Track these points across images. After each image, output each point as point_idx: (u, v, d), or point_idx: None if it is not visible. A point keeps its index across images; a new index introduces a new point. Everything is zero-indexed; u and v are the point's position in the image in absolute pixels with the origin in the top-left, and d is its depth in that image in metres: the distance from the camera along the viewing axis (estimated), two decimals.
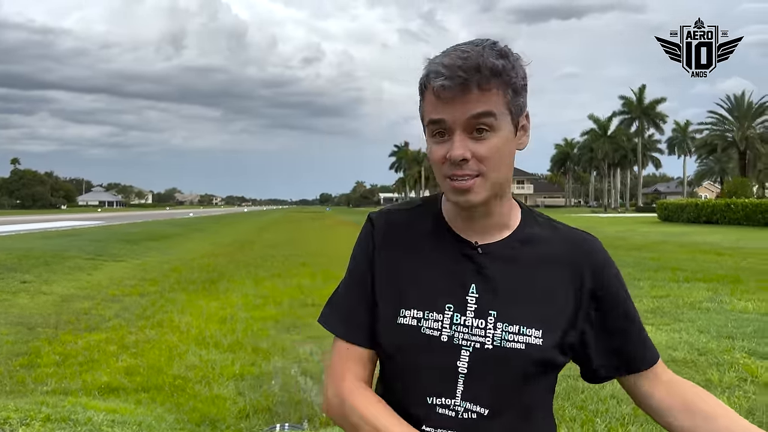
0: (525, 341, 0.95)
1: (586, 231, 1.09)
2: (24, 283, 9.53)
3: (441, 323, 0.97)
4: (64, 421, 3.50)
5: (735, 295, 8.10)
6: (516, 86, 0.93)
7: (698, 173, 79.98)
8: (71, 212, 72.94)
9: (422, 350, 0.97)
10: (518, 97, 0.94)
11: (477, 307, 0.97)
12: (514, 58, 0.93)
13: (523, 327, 0.96)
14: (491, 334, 0.95)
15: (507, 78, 0.92)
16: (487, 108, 0.91)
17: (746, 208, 27.99)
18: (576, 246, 1.04)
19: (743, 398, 4.09)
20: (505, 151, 0.95)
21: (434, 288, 0.99)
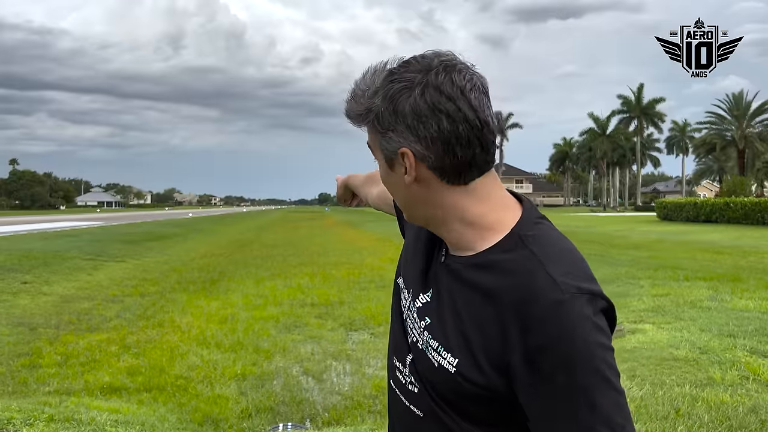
0: (439, 361, 0.92)
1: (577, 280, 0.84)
2: (24, 284, 9.53)
3: (406, 302, 1.03)
4: (67, 421, 3.50)
5: (736, 294, 8.11)
6: (378, 129, 0.90)
7: (697, 172, 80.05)
8: (70, 213, 72.87)
9: (395, 315, 1.06)
10: (382, 138, 0.90)
11: (421, 306, 0.99)
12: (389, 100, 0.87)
13: (441, 347, 0.92)
14: (422, 338, 0.96)
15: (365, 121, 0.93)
16: (368, 140, 0.96)
17: (745, 207, 28.00)
18: (524, 291, 0.85)
19: (745, 396, 4.09)
20: (389, 183, 0.96)
21: (412, 268, 1.05)
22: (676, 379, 4.48)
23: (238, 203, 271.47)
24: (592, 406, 0.80)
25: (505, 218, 0.93)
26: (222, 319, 7.25)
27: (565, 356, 0.80)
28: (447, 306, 0.94)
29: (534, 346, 0.82)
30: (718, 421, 3.67)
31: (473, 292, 0.91)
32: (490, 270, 0.89)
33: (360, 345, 6.00)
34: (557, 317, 0.81)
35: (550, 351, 0.81)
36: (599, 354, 0.81)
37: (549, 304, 0.82)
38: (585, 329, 0.81)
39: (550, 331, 0.81)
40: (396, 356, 1.04)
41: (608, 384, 0.81)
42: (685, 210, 32.57)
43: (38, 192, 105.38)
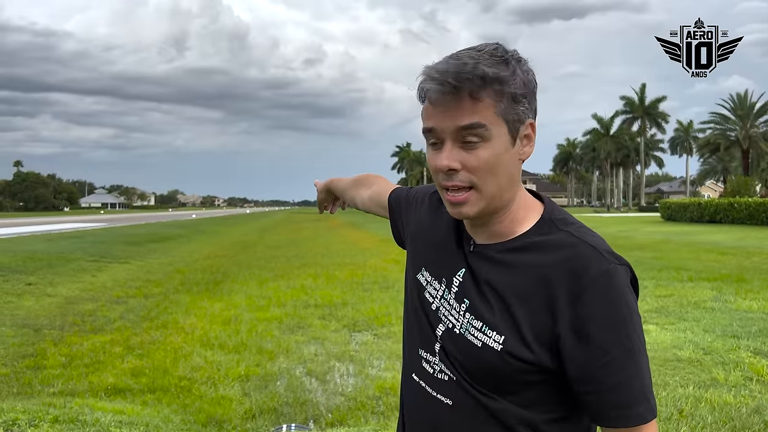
0: (483, 341, 0.93)
1: (605, 253, 0.91)
2: (29, 285, 9.56)
3: (437, 292, 1.03)
4: (72, 422, 3.51)
5: (739, 295, 8.09)
6: (514, 95, 0.89)
7: (701, 172, 79.81)
8: (74, 214, 73.07)
9: (421, 309, 1.06)
10: (517, 105, 0.90)
11: (458, 290, 0.99)
12: (515, 64, 0.90)
13: (485, 326, 0.93)
14: (461, 321, 0.97)
15: (501, 87, 0.88)
16: (477, 119, 0.88)
17: (749, 208, 27.93)
18: (570, 264, 0.90)
19: (749, 397, 4.09)
20: (500, 163, 0.91)
21: (436, 261, 1.07)
22: (680, 379, 4.47)
23: (241, 204, 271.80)
24: (637, 368, 0.88)
25: (533, 203, 1.00)
26: (225, 320, 7.26)
27: (614, 323, 0.87)
28: (487, 288, 0.96)
29: (584, 315, 0.87)
30: (721, 422, 3.66)
31: (516, 271, 0.94)
32: (532, 250, 0.94)
33: (363, 346, 6.01)
34: (606, 286, 0.88)
35: (600, 318, 0.87)
36: (638, 321, 0.90)
37: (598, 273, 0.88)
38: (627, 297, 0.89)
39: (599, 299, 0.88)
40: (422, 348, 1.05)
41: (644, 349, 0.90)
42: (689, 210, 32.50)
43: (42, 194, 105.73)
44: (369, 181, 1.52)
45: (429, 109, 0.92)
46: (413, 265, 1.13)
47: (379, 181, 1.50)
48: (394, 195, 1.34)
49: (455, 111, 0.88)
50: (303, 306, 8.18)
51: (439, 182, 0.95)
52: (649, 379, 0.90)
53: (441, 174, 0.93)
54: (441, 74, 0.88)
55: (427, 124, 0.93)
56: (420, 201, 1.21)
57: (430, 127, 0.92)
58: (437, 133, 0.92)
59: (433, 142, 0.93)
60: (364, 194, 1.50)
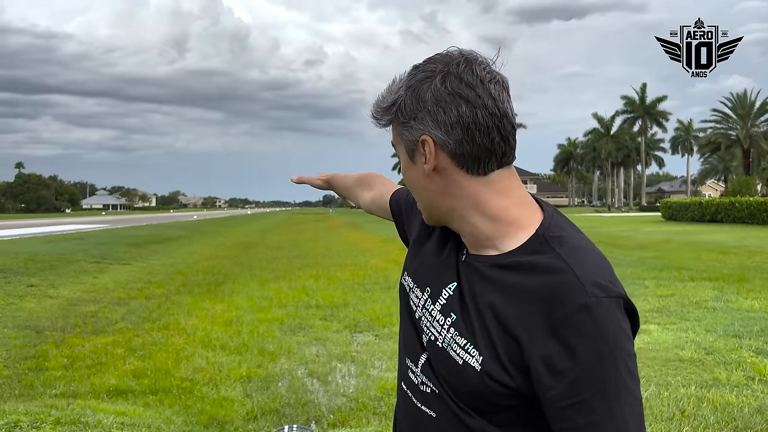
0: (465, 359, 0.90)
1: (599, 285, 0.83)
2: (30, 287, 9.57)
3: (419, 301, 1.02)
4: (74, 424, 3.52)
5: (741, 294, 8.08)
6: (399, 119, 0.95)
7: (702, 172, 79.77)
8: (76, 216, 73.14)
9: (406, 314, 1.06)
10: (405, 126, 0.94)
11: (445, 303, 0.97)
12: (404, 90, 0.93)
13: (469, 345, 0.90)
14: (444, 335, 0.95)
15: (390, 116, 0.96)
16: (392, 138, 1.00)
17: (750, 207, 27.89)
18: (550, 290, 0.85)
19: (751, 397, 4.08)
20: (410, 179, 0.98)
21: (425, 268, 1.05)
22: (682, 379, 4.47)
23: (242, 205, 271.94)
24: (610, 412, 0.81)
25: (528, 216, 0.93)
26: (227, 322, 7.27)
27: (588, 362, 0.81)
28: (472, 303, 0.93)
29: (557, 350, 0.82)
30: (723, 422, 3.66)
31: (499, 292, 0.90)
32: (516, 271, 0.89)
33: (365, 347, 6.01)
34: (582, 321, 0.81)
35: (573, 355, 0.81)
36: (621, 361, 0.82)
37: (576, 307, 0.82)
38: (609, 334, 0.82)
39: (574, 335, 0.81)
40: (408, 357, 1.04)
41: (627, 391, 0.81)
42: (690, 210, 32.46)
43: (44, 195, 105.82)
44: (371, 183, 1.53)
45: None
46: (404, 267, 1.13)
47: (381, 182, 1.50)
48: (395, 198, 1.35)
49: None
50: (304, 307, 8.18)
51: None
52: (630, 423, 0.81)
53: None
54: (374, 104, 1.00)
55: None
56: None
57: None
58: None
59: None
60: (366, 196, 1.51)
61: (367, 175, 1.57)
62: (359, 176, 1.58)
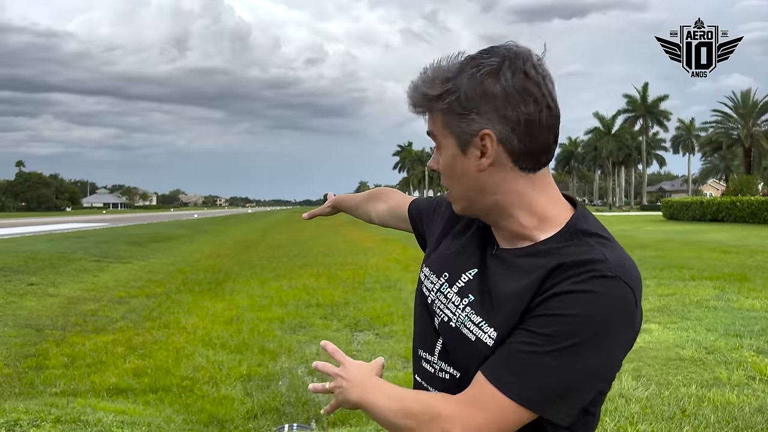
0: (478, 335, 0.93)
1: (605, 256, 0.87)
2: (31, 286, 9.57)
3: (434, 286, 1.04)
4: (74, 423, 3.52)
5: (742, 293, 8.08)
6: (452, 109, 0.91)
7: (703, 171, 79.77)
8: (76, 214, 73.20)
9: (419, 304, 1.08)
10: (460, 118, 0.91)
11: (464, 286, 1.00)
12: (462, 79, 0.90)
13: (484, 323, 0.93)
14: (458, 314, 0.97)
15: (437, 103, 0.92)
16: (430, 128, 0.97)
17: (752, 206, 27.88)
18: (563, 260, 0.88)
19: (752, 396, 4.08)
20: (454, 171, 0.95)
21: (446, 258, 1.07)
22: (682, 379, 4.46)
23: (243, 204, 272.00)
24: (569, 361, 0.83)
25: (562, 212, 0.96)
26: (227, 320, 7.27)
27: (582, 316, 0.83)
28: (494, 288, 0.95)
29: (565, 291, 0.85)
30: (724, 421, 3.66)
31: (522, 274, 0.92)
32: (545, 256, 0.91)
33: (365, 345, 6.01)
34: (596, 285, 0.84)
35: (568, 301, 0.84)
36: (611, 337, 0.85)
37: (592, 269, 0.85)
38: (614, 307, 0.85)
39: (588, 290, 0.84)
40: (422, 348, 1.06)
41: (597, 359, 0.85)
42: (691, 209, 32.45)
43: (44, 194, 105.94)
44: (385, 195, 1.54)
45: None
46: (422, 262, 1.15)
47: (395, 193, 1.52)
48: (414, 205, 1.36)
49: (426, 119, 0.98)
50: (305, 306, 8.18)
51: None
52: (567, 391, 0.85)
53: None
54: (409, 90, 0.97)
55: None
56: (447, 207, 1.17)
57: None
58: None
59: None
60: (380, 208, 1.51)
61: (378, 189, 1.60)
62: (370, 192, 1.61)
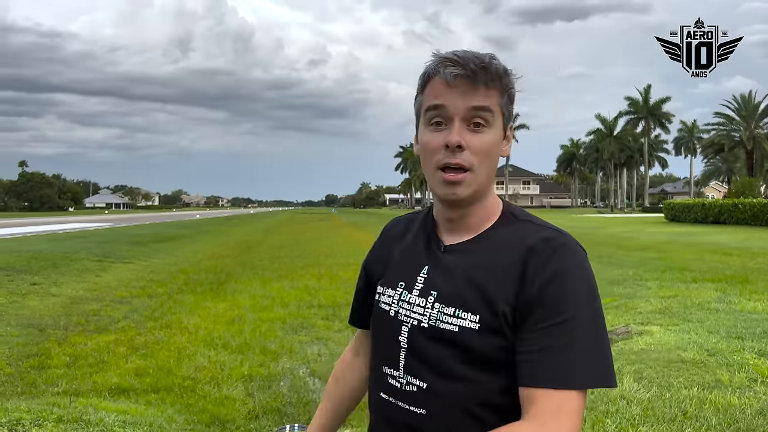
0: (459, 324, 0.96)
1: (561, 230, 0.99)
2: (33, 285, 9.59)
3: (392, 299, 1.06)
4: (76, 422, 3.52)
5: (744, 296, 8.06)
6: (511, 95, 1.01)
7: (705, 173, 79.63)
8: (79, 214, 73.28)
9: (378, 323, 1.09)
10: (511, 105, 1.01)
11: (423, 286, 1.03)
12: (511, 72, 1.01)
13: (459, 310, 0.96)
14: (428, 314, 0.99)
15: (507, 84, 0.99)
16: (488, 103, 0.97)
17: (754, 208, 27.82)
18: (531, 241, 0.97)
19: (753, 399, 4.07)
20: (494, 150, 1.00)
21: (396, 270, 1.10)
22: (684, 381, 4.46)
23: (245, 205, 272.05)
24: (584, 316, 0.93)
25: (498, 202, 1.07)
26: (229, 321, 7.27)
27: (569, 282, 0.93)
28: (457, 275, 1.00)
29: (546, 278, 0.93)
30: (726, 423, 3.65)
31: (484, 255, 1.00)
32: (498, 239, 1.01)
33: None
34: (564, 255, 0.95)
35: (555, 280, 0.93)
36: (595, 295, 0.96)
37: (558, 245, 0.96)
38: (586, 270, 0.96)
39: (560, 265, 0.94)
40: (386, 365, 1.05)
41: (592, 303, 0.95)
42: (693, 211, 32.40)
43: (47, 194, 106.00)
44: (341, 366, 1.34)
45: (441, 89, 0.98)
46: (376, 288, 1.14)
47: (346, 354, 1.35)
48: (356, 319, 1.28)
49: (471, 93, 0.96)
50: (306, 306, 8.19)
51: (438, 161, 0.99)
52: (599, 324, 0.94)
53: (443, 152, 0.98)
54: (462, 59, 0.96)
55: (436, 101, 0.98)
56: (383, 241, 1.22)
57: (441, 104, 0.98)
58: (447, 111, 0.98)
59: (438, 122, 0.99)
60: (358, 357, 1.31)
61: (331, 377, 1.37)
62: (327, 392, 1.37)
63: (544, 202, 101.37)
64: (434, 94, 0.98)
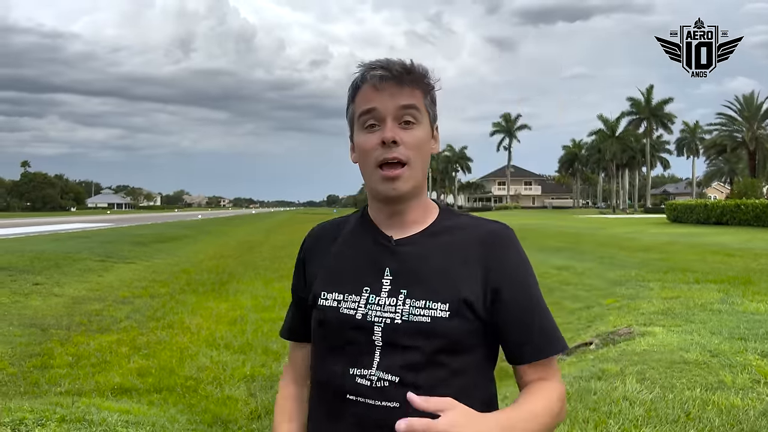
0: (431, 314, 1.03)
1: (499, 221, 1.16)
2: (36, 285, 9.60)
3: (357, 303, 1.09)
4: (79, 422, 3.53)
5: (746, 297, 8.04)
6: (433, 96, 1.11)
7: (707, 174, 79.44)
8: (81, 214, 73.39)
9: (341, 328, 1.10)
10: (434, 105, 1.12)
11: (391, 288, 1.07)
12: (431, 75, 1.11)
13: (428, 302, 1.04)
14: (401, 310, 1.05)
15: (429, 86, 1.09)
16: (414, 102, 1.07)
17: (756, 209, 27.76)
18: (481, 233, 1.12)
19: (756, 400, 4.06)
20: (424, 146, 1.09)
21: (354, 274, 1.12)
22: (687, 382, 4.45)
23: (247, 205, 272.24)
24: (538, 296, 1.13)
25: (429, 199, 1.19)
26: (231, 321, 7.28)
27: (526, 269, 1.12)
28: (418, 268, 1.08)
29: (509, 267, 1.10)
30: (729, 424, 3.65)
31: (441, 249, 1.10)
32: (447, 232, 1.12)
33: None
34: (513, 244, 1.13)
35: (517, 266, 1.11)
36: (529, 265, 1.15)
37: (506, 236, 1.13)
38: (525, 255, 1.14)
39: (514, 254, 1.11)
40: (354, 367, 1.06)
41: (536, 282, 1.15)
42: (696, 212, 32.34)
43: (49, 194, 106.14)
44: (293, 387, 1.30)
45: (371, 93, 1.07)
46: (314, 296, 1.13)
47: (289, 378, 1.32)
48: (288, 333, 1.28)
49: (398, 93, 1.06)
50: None
51: (377, 158, 1.07)
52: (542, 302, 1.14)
53: (379, 149, 1.06)
54: (387, 64, 1.07)
55: (368, 105, 1.07)
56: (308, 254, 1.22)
57: (372, 107, 1.07)
58: (379, 112, 1.07)
59: (371, 124, 1.08)
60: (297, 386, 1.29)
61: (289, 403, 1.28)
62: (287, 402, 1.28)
63: (546, 202, 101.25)
64: (365, 100, 1.07)
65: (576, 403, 3.97)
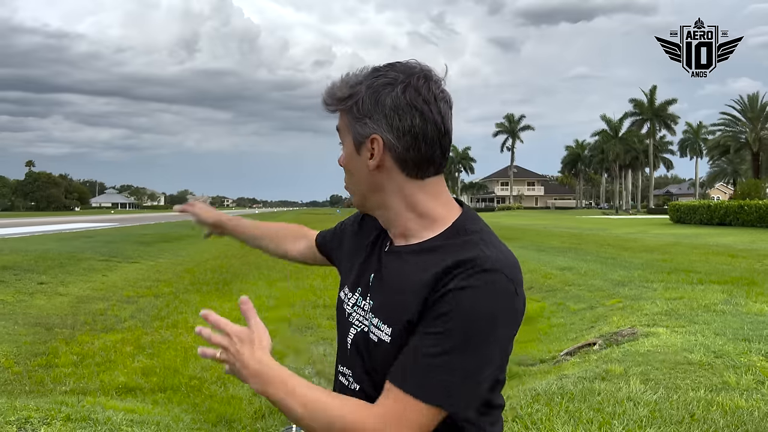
0: (378, 336, 1.00)
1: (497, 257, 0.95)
2: (41, 284, 9.63)
3: (349, 300, 1.12)
4: (84, 421, 3.54)
5: (750, 298, 8.03)
6: (353, 113, 1.02)
7: (710, 175, 79.24)
8: (85, 214, 73.54)
9: (339, 323, 1.15)
10: (358, 121, 1.02)
11: (369, 294, 1.08)
12: (366, 90, 1.00)
13: (380, 321, 1.01)
14: (367, 321, 1.05)
15: (344, 105, 1.04)
16: (338, 123, 1.08)
17: (760, 210, 27.69)
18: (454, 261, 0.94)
19: (761, 401, 4.06)
20: (350, 166, 1.06)
21: (357, 273, 1.14)
22: (691, 383, 4.45)
23: (250, 205, 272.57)
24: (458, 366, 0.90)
25: (449, 214, 1.04)
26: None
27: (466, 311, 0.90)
28: (387, 286, 1.04)
29: (450, 289, 0.92)
30: (733, 425, 3.64)
31: (412, 269, 1.00)
32: (433, 251, 0.99)
33: None
34: (478, 280, 0.91)
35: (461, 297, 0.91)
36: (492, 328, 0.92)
37: (478, 266, 0.92)
38: (495, 295, 0.92)
39: (469, 286, 0.91)
40: (341, 363, 1.12)
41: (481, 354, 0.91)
42: (699, 213, 32.27)
43: (54, 193, 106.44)
44: (304, 233, 1.53)
45: None
46: (340, 288, 1.21)
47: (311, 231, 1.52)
48: (320, 238, 1.42)
49: (336, 118, 1.09)
50: (312, 306, 8.21)
51: None
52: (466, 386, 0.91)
53: None
54: (326, 92, 1.08)
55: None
56: (350, 225, 1.29)
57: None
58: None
59: None
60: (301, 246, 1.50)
61: (297, 227, 1.57)
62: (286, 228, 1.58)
63: (549, 203, 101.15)
64: None
65: (580, 404, 3.97)
